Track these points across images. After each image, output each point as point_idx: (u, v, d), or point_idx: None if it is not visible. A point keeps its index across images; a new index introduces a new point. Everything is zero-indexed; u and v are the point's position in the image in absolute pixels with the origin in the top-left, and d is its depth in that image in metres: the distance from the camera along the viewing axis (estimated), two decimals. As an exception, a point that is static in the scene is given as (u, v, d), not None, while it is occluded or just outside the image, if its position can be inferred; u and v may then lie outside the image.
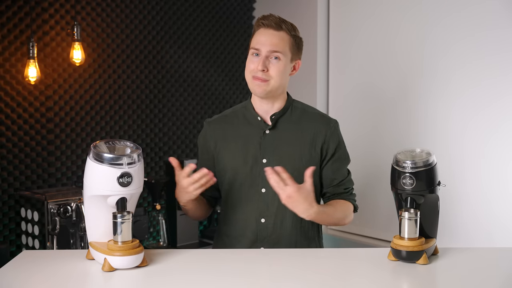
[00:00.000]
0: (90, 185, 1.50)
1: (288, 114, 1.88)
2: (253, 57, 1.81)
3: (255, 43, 1.81)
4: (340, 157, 1.89)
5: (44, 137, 2.71)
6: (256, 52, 1.80)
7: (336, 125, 1.91)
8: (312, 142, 1.85)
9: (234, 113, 1.92)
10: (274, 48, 1.78)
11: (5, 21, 2.56)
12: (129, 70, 3.00)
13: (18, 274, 1.50)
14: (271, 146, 1.83)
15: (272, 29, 1.80)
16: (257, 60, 1.79)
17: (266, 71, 1.78)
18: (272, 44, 1.78)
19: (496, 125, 2.39)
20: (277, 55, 1.79)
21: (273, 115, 1.86)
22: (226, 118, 1.92)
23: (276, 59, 1.79)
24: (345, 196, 1.89)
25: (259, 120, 1.86)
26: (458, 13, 2.50)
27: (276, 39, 1.79)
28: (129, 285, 1.42)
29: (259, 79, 1.78)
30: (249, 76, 1.81)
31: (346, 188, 1.89)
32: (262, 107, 1.87)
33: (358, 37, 2.93)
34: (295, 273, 1.50)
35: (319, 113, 1.93)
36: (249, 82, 1.83)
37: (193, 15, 3.25)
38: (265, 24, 1.81)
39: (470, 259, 1.61)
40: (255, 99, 1.88)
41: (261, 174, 1.81)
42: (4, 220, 2.58)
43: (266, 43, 1.78)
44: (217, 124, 1.91)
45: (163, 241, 2.94)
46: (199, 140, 1.95)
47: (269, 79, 1.79)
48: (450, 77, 2.54)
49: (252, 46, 1.81)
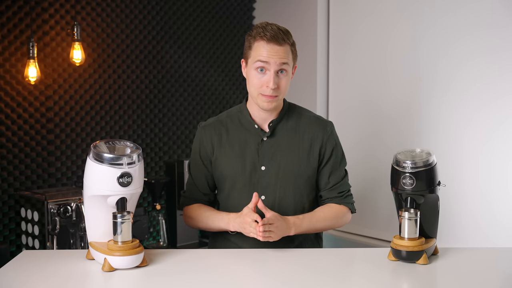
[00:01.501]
0: (90, 185, 1.50)
1: (285, 119, 1.87)
2: (259, 73, 1.77)
3: (261, 57, 1.75)
4: (336, 159, 1.90)
5: (44, 137, 2.71)
6: (262, 67, 1.76)
7: (333, 128, 1.91)
8: (310, 146, 1.86)
9: (229, 118, 1.90)
10: (282, 61, 1.75)
11: (5, 21, 2.56)
12: (129, 70, 3.00)
13: (18, 274, 1.50)
14: (269, 153, 1.84)
15: (276, 44, 1.75)
16: (266, 77, 1.75)
17: (277, 88, 1.76)
18: (280, 58, 1.75)
19: (496, 124, 2.39)
20: (284, 68, 1.77)
21: (271, 122, 1.85)
22: (221, 123, 1.90)
23: (283, 73, 1.77)
24: (339, 200, 1.89)
25: (256, 128, 1.85)
26: (457, 12, 2.50)
27: (282, 53, 1.75)
28: (129, 285, 1.42)
29: (269, 96, 1.76)
30: (256, 92, 1.78)
31: (340, 192, 1.89)
32: (260, 115, 1.86)
33: (358, 37, 2.93)
34: (295, 273, 1.50)
35: (315, 116, 1.92)
36: (255, 97, 1.80)
37: (193, 15, 3.25)
38: (267, 38, 1.75)
39: (470, 259, 1.61)
40: (252, 107, 1.86)
41: (260, 181, 1.82)
42: (4, 220, 2.58)
43: (274, 58, 1.74)
44: (212, 129, 1.89)
45: (163, 241, 2.94)
46: (195, 145, 1.93)
47: (279, 94, 1.78)
48: (450, 76, 2.54)
49: (258, 60, 1.75)
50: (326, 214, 1.85)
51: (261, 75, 1.76)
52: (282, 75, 1.77)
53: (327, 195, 1.89)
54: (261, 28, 1.77)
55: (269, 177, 1.83)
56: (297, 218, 1.78)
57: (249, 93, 1.84)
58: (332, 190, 1.89)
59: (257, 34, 1.77)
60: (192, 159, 1.94)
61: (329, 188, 1.88)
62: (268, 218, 1.67)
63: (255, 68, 1.77)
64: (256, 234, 1.65)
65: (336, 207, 1.88)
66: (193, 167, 1.93)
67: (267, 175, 1.83)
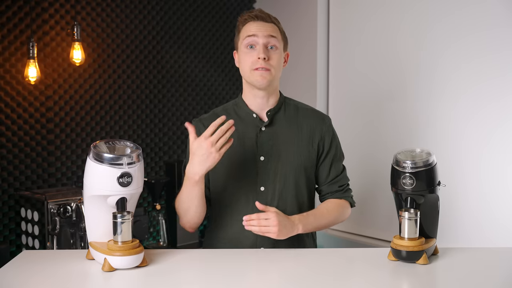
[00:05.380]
0: (90, 185, 1.50)
1: (282, 110, 1.86)
2: (249, 49, 1.77)
3: (248, 31, 1.76)
4: (335, 153, 1.89)
5: (44, 137, 2.71)
6: (251, 44, 1.76)
7: (330, 121, 1.91)
8: (310, 138, 1.85)
9: (225, 111, 1.87)
10: (270, 33, 1.76)
11: (5, 21, 2.56)
12: (129, 70, 3.00)
13: (18, 274, 1.50)
14: (268, 143, 1.82)
15: (262, 21, 1.78)
16: (255, 51, 1.76)
17: (268, 60, 1.75)
18: (268, 31, 1.76)
19: (496, 124, 2.39)
20: (274, 43, 1.77)
21: (269, 111, 1.83)
22: (216, 116, 1.84)
23: (273, 48, 1.77)
24: (340, 194, 1.89)
25: (254, 117, 1.83)
26: (458, 13, 2.50)
27: (270, 28, 1.78)
28: (129, 285, 1.42)
29: (262, 69, 1.75)
30: (248, 69, 1.77)
31: (340, 185, 1.89)
32: (256, 104, 1.83)
33: (358, 37, 2.93)
34: (295, 273, 1.50)
35: (312, 109, 1.92)
36: (248, 76, 1.78)
37: (193, 15, 3.25)
38: (252, 16, 1.78)
39: (470, 259, 1.61)
40: (248, 96, 1.85)
41: (259, 172, 1.80)
42: (4, 220, 2.58)
43: (262, 30, 1.76)
44: (208, 122, 1.83)
45: (163, 241, 2.94)
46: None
47: (271, 68, 1.76)
48: (450, 76, 2.54)
49: (247, 34, 1.76)
50: (329, 210, 1.84)
51: (251, 50, 1.77)
52: (272, 51, 1.77)
53: (328, 189, 1.89)
54: (248, 13, 1.81)
55: (269, 168, 1.81)
56: (301, 216, 1.76)
57: (243, 76, 1.82)
58: (333, 184, 1.88)
59: (244, 18, 1.81)
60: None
61: (330, 182, 1.88)
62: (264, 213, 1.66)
63: (245, 46, 1.78)
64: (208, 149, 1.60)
65: (338, 202, 1.87)
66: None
67: (266, 166, 1.81)
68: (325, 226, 1.86)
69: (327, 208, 1.85)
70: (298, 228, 1.73)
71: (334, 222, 1.87)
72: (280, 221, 1.67)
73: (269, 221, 1.65)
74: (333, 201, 1.88)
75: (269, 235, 1.67)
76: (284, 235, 1.68)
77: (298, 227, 1.73)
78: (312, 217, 1.78)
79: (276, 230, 1.65)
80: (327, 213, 1.83)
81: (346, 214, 1.90)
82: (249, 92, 1.84)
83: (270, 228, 1.65)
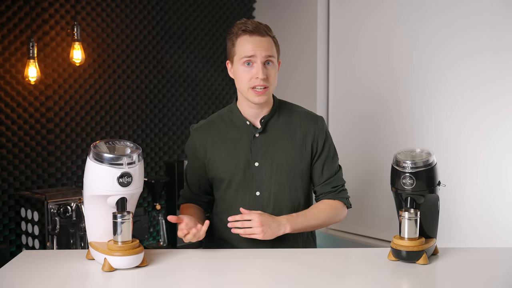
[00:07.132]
0: (90, 185, 1.50)
1: (276, 115, 1.87)
2: (246, 67, 1.77)
3: (246, 51, 1.76)
4: (328, 153, 1.89)
5: (44, 137, 2.71)
6: (249, 61, 1.76)
7: (324, 122, 1.91)
8: (303, 141, 1.86)
9: (220, 118, 1.90)
10: (268, 53, 1.76)
11: (5, 21, 2.56)
12: (129, 70, 3.00)
13: (18, 274, 1.50)
14: (262, 149, 1.83)
15: (258, 36, 1.76)
16: (254, 69, 1.76)
17: (266, 79, 1.76)
18: (265, 49, 1.76)
19: (495, 124, 2.39)
20: (270, 60, 1.77)
21: (263, 118, 1.85)
22: (213, 124, 1.90)
23: (270, 64, 1.78)
24: (333, 195, 1.89)
25: (248, 125, 1.85)
26: (456, 12, 2.50)
27: (266, 44, 1.77)
28: (129, 285, 1.42)
29: (260, 87, 1.76)
30: (245, 87, 1.78)
31: (334, 186, 1.89)
32: (251, 112, 1.85)
33: (358, 37, 2.93)
34: (295, 273, 1.50)
35: (305, 111, 1.92)
36: (245, 93, 1.79)
37: (193, 15, 3.25)
38: (249, 31, 1.77)
39: (470, 259, 1.61)
40: (242, 104, 1.86)
41: (254, 177, 1.82)
42: (4, 220, 2.58)
43: (260, 49, 1.75)
44: (205, 131, 1.89)
45: (163, 241, 2.94)
46: (188, 148, 1.93)
47: (269, 85, 1.78)
48: (450, 76, 2.54)
49: (244, 55, 1.76)
50: (320, 210, 1.85)
51: (249, 68, 1.77)
52: (270, 67, 1.78)
53: (321, 190, 1.89)
54: (242, 24, 1.79)
55: (263, 173, 1.83)
56: (290, 216, 1.78)
57: (239, 90, 1.83)
58: (326, 184, 1.88)
59: (239, 29, 1.79)
60: (187, 160, 1.97)
61: (323, 183, 1.88)
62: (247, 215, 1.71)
63: (242, 63, 1.77)
64: (182, 235, 1.66)
65: (331, 202, 1.88)
66: (188, 167, 1.95)
67: (261, 171, 1.83)
68: (317, 226, 1.86)
69: (319, 208, 1.85)
70: (286, 228, 1.74)
71: (327, 223, 1.88)
72: (263, 221, 1.69)
73: (252, 222, 1.69)
74: (326, 202, 1.89)
75: (255, 236, 1.69)
76: (270, 235, 1.70)
77: (286, 227, 1.74)
78: (302, 217, 1.80)
79: (260, 230, 1.68)
80: (318, 214, 1.84)
81: (341, 215, 1.90)
82: (243, 101, 1.85)
83: (254, 229, 1.69)
